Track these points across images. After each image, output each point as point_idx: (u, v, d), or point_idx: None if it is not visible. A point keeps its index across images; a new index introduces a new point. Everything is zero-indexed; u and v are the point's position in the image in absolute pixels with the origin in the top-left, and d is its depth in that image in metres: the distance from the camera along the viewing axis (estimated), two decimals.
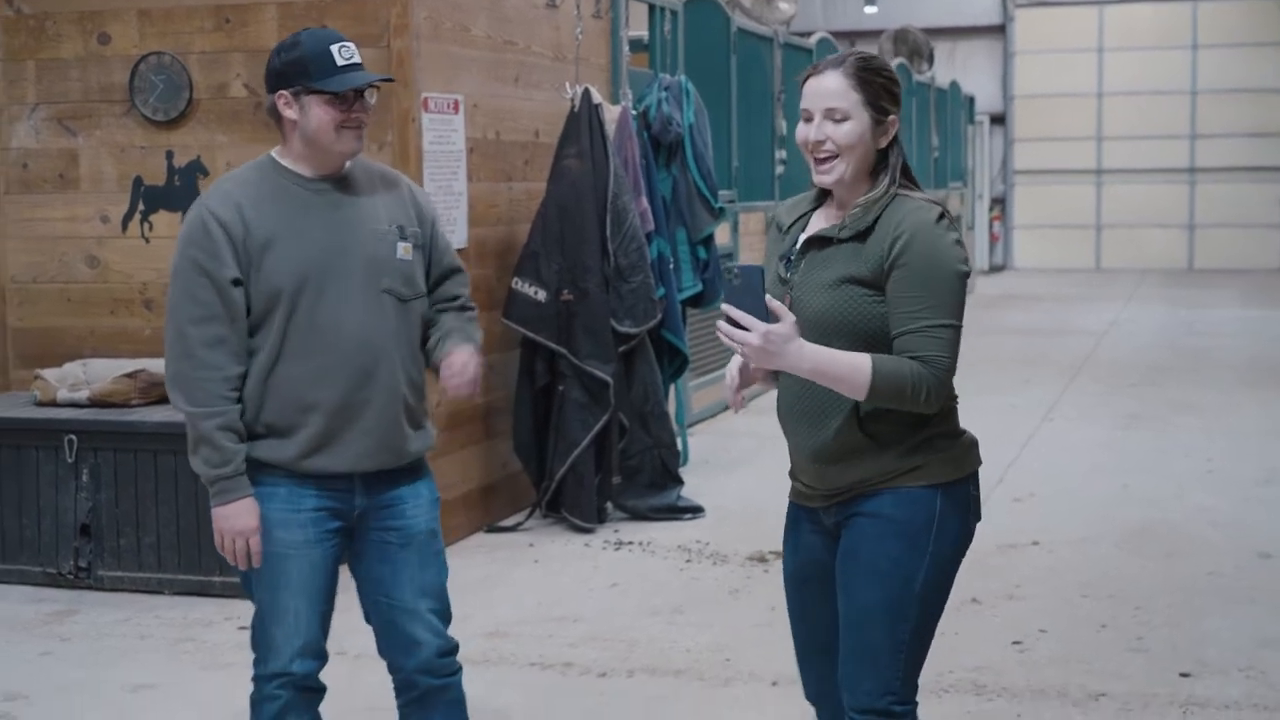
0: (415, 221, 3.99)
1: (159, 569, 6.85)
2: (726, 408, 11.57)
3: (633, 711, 5.35)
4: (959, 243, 3.42)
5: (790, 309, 3.38)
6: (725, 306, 3.27)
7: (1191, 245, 27.16)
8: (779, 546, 7.20)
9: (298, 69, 3.81)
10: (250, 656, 5.92)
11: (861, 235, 3.40)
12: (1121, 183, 27.39)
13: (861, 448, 3.45)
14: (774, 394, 3.61)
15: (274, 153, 3.93)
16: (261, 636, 3.96)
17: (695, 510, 8.20)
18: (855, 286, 3.39)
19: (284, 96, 3.84)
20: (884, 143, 3.45)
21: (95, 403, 7.05)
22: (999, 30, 27.72)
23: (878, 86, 3.43)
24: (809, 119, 3.45)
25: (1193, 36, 26.89)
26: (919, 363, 3.32)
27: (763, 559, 7.30)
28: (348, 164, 3.91)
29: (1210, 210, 26.97)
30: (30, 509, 6.96)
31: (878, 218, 3.40)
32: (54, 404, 7.10)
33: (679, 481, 8.28)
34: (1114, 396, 12.31)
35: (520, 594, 6.83)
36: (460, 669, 4.12)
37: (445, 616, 4.07)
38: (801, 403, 3.50)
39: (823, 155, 3.43)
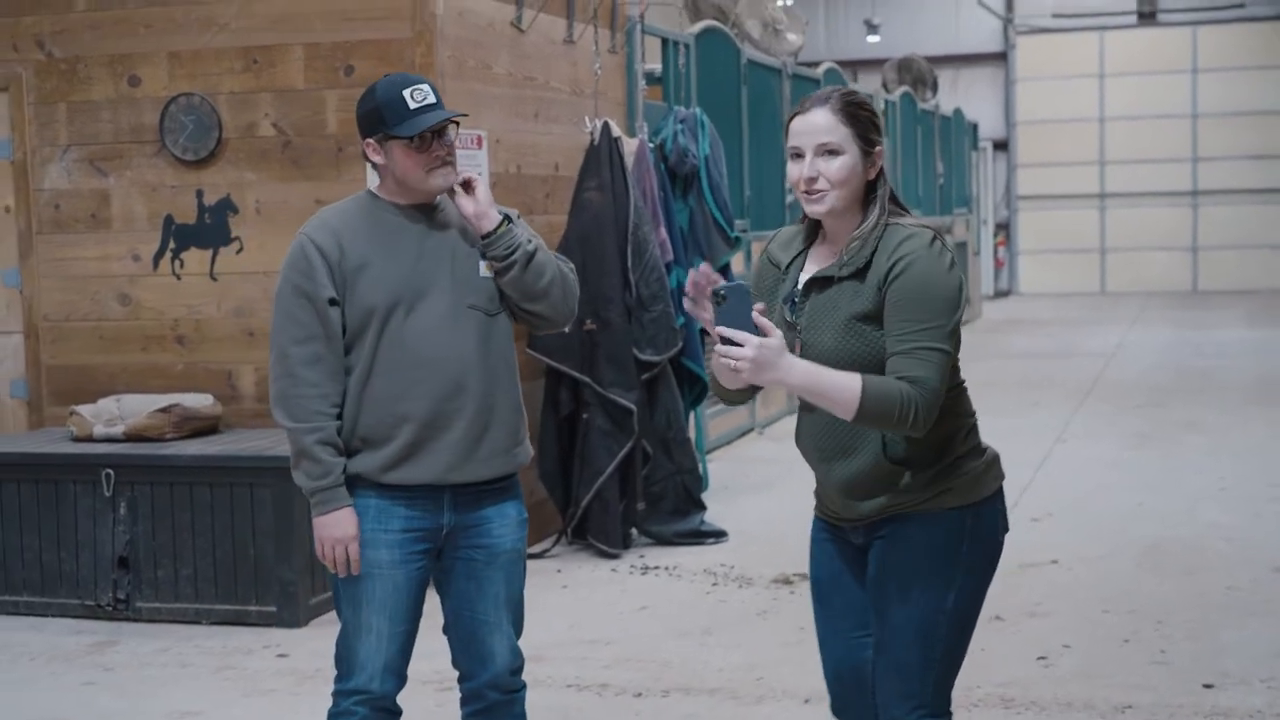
0: None
1: (196, 599, 6.97)
2: (744, 434, 11.71)
3: None
4: (954, 265, 3.49)
5: (801, 353, 3.47)
6: (718, 328, 3.30)
7: (1195, 267, 27.32)
8: (803, 569, 7.35)
9: (375, 118, 4.02)
10: (294, 682, 6.08)
11: (860, 272, 3.47)
12: (1125, 206, 27.56)
13: (890, 477, 3.51)
14: (792, 421, 3.70)
15: (372, 188, 4.14)
16: (344, 653, 4.11)
17: (719, 535, 8.33)
18: (863, 324, 3.45)
19: (370, 144, 4.06)
20: (873, 174, 3.53)
21: (131, 437, 7.19)
22: (1000, 58, 27.94)
23: (864, 120, 3.52)
24: (799, 156, 3.51)
25: (1193, 60, 27.11)
26: (908, 384, 3.35)
27: (788, 581, 7.42)
28: (445, 190, 4.11)
29: (1213, 232, 27.14)
30: (69, 542, 7.09)
31: (874, 250, 3.47)
32: (90, 439, 7.24)
33: (702, 506, 8.41)
34: (1123, 417, 12.45)
35: (551, 618, 6.96)
36: (525, 687, 4.27)
37: (520, 625, 4.23)
38: (825, 439, 3.56)
39: (815, 190, 3.50)
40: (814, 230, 3.62)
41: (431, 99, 4.03)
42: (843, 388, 3.33)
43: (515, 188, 8.05)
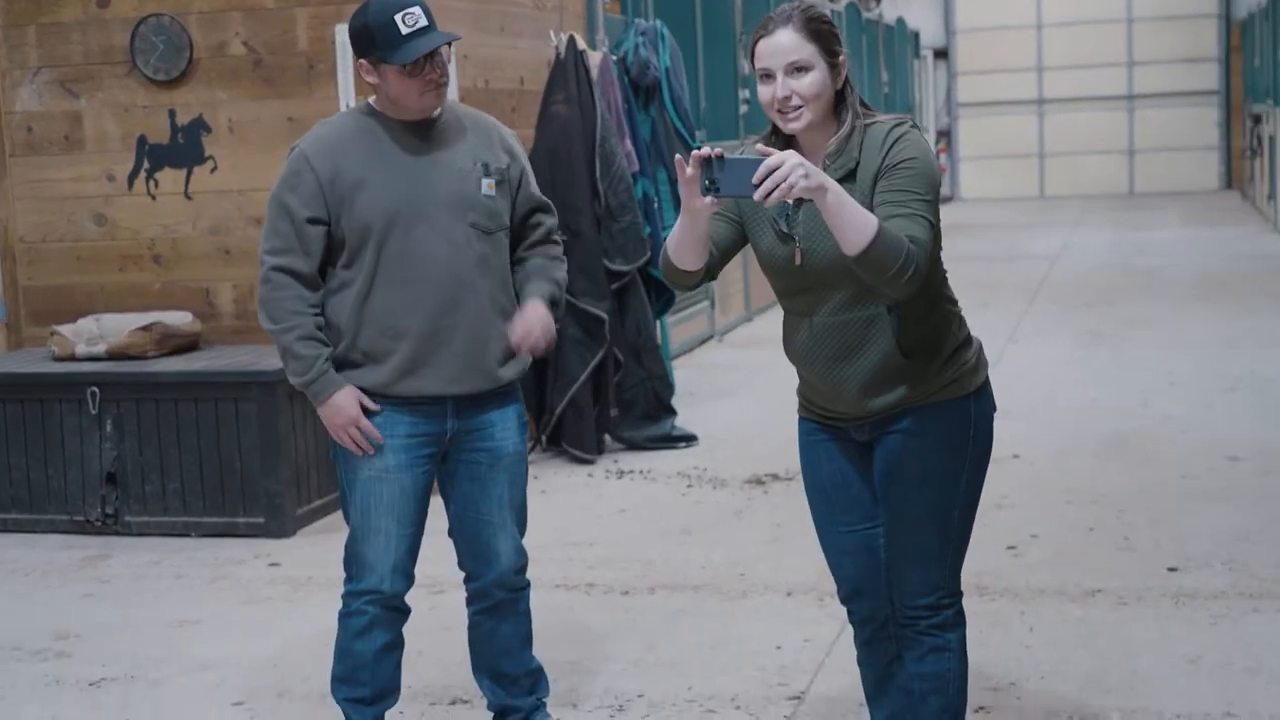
0: (503, 158, 4.24)
1: (185, 513, 7.11)
2: (704, 341, 11.90)
3: (660, 624, 5.65)
4: (933, 150, 3.65)
5: (802, 261, 3.58)
6: (755, 181, 3.25)
7: (1132, 170, 27.65)
8: (774, 469, 7.68)
9: (366, 40, 4.05)
10: (288, 589, 6.24)
11: (852, 172, 3.55)
12: (1063, 111, 27.82)
13: (902, 371, 3.61)
14: (750, 328, 3.81)
15: (371, 100, 4.20)
16: (353, 556, 4.24)
17: (689, 439, 8.53)
18: None
19: (363, 64, 4.10)
20: (839, 83, 3.60)
21: (113, 355, 7.29)
22: None
23: (826, 34, 3.58)
24: (769, 77, 3.56)
25: None
26: (910, 241, 3.41)
27: (760, 481, 7.63)
28: (437, 109, 4.17)
29: (1149, 135, 27.46)
30: (56, 460, 7.21)
31: (860, 150, 3.56)
32: (73, 358, 7.33)
33: (672, 412, 8.61)
34: (1072, 316, 12.73)
35: (533, 523, 6.94)
36: (529, 584, 4.44)
37: (524, 525, 4.38)
38: (827, 344, 3.64)
39: (790, 107, 3.56)
40: (786, 146, 3.66)
41: (423, 22, 4.03)
42: (864, 217, 3.34)
43: (484, 103, 8.14)
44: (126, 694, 5.22)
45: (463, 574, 4.42)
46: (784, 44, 3.55)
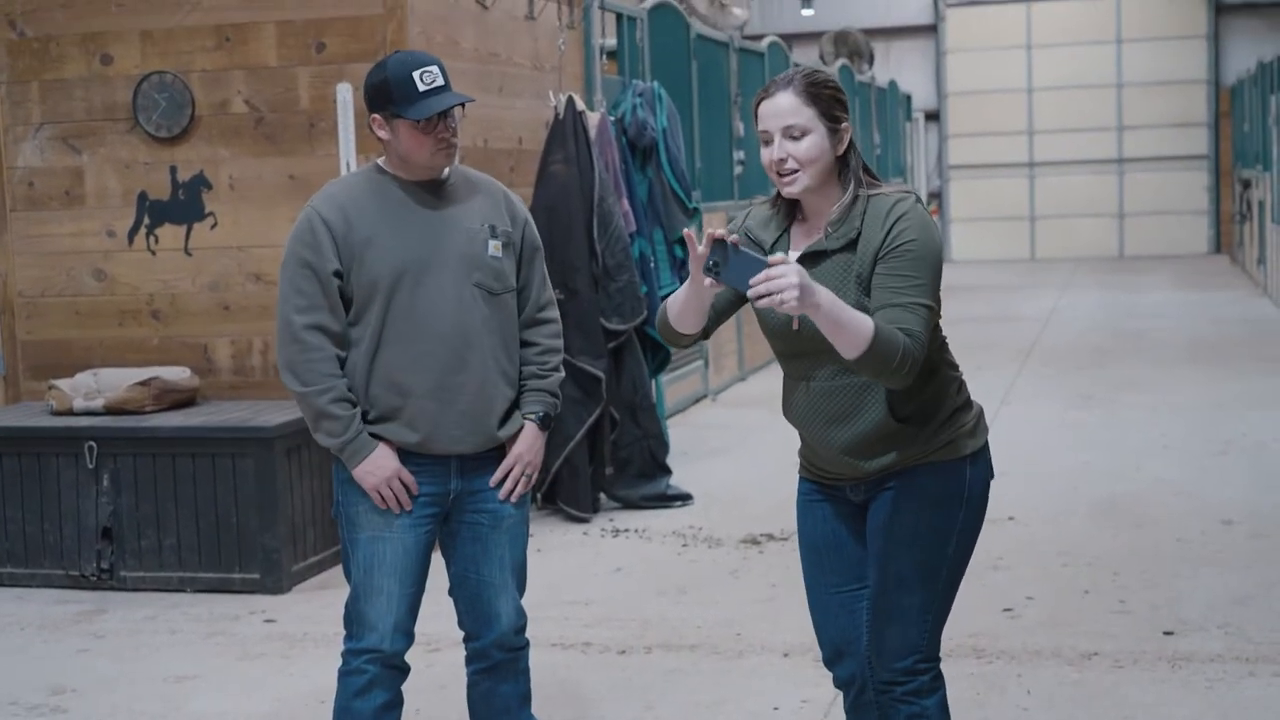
0: (508, 222, 4.28)
1: (181, 568, 7.11)
2: (698, 400, 11.93)
3: (657, 684, 5.65)
4: (936, 226, 3.66)
5: (798, 327, 3.60)
6: (751, 283, 3.30)
7: (1122, 233, 27.79)
8: (769, 529, 7.69)
9: (383, 95, 4.11)
10: (284, 646, 6.24)
11: (853, 243, 3.58)
12: (1053, 174, 27.98)
13: (896, 435, 3.63)
14: (743, 388, 3.85)
15: (379, 160, 4.25)
16: (354, 614, 4.25)
17: (684, 498, 8.55)
18: (851, 293, 3.55)
19: (377, 120, 4.16)
20: (841, 149, 3.62)
21: (111, 410, 7.31)
22: (931, 30, 28.24)
23: (827, 98, 3.60)
24: (769, 141, 3.60)
25: (1117, 31, 27.52)
26: (904, 334, 3.44)
27: (755, 541, 7.65)
28: (445, 170, 4.22)
29: (1138, 199, 27.62)
30: (52, 514, 7.21)
31: (862, 221, 3.57)
32: (70, 413, 7.35)
33: (667, 471, 8.62)
34: (1064, 378, 12.77)
35: (529, 580, 7.11)
36: (528, 644, 4.45)
37: (524, 587, 4.40)
38: (823, 408, 3.67)
39: (786, 170, 3.59)
40: (791, 209, 3.73)
41: (440, 81, 4.10)
42: (860, 323, 3.38)
43: (483, 162, 8.20)
44: None
45: (462, 633, 4.43)
46: (782, 107, 3.59)
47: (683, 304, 3.63)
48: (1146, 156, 27.51)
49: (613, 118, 8.97)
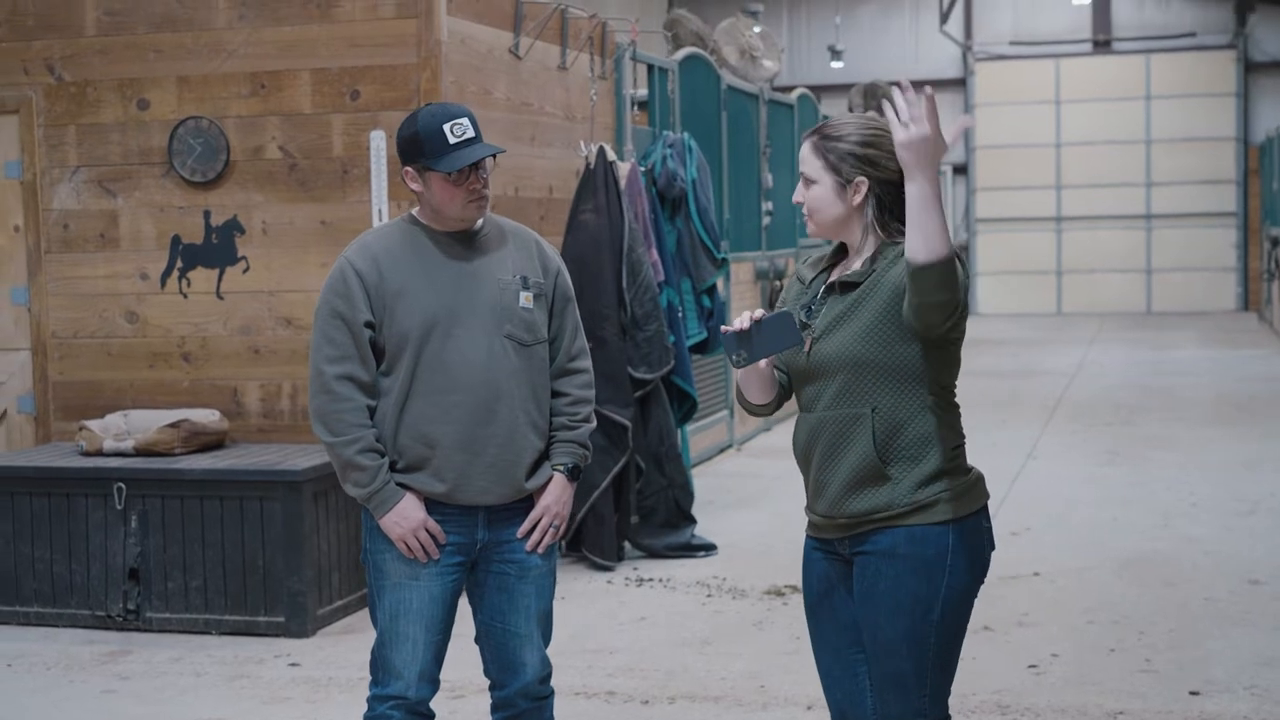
0: (540, 273, 4.31)
1: (206, 610, 7.13)
2: (723, 450, 11.93)
3: None
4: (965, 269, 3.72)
5: (810, 351, 3.67)
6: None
7: (1149, 289, 27.78)
8: (793, 581, 7.68)
9: (415, 148, 4.15)
10: (309, 690, 6.23)
11: (877, 277, 3.65)
12: (1080, 229, 28.01)
13: (878, 475, 3.64)
14: (768, 438, 3.89)
15: (414, 210, 4.29)
16: (380, 660, 4.27)
17: (709, 548, 8.54)
18: (862, 324, 3.63)
19: (409, 172, 4.20)
20: (856, 201, 3.69)
21: (141, 452, 7.35)
22: (960, 83, 28.34)
23: (839, 152, 3.68)
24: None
25: (1146, 88, 27.59)
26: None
27: (779, 593, 7.64)
28: (480, 220, 4.26)
29: (1166, 255, 27.62)
30: (80, 554, 7.24)
31: (887, 268, 3.65)
32: (100, 453, 7.39)
33: (692, 520, 8.63)
34: (1091, 434, 12.75)
35: (554, 628, 7.13)
36: (553, 693, 4.46)
37: (549, 637, 4.42)
38: (820, 441, 3.70)
39: (806, 212, 3.77)
40: (839, 250, 3.84)
41: (470, 133, 4.15)
42: (942, 237, 3.47)
43: (514, 210, 8.25)
44: None
45: (488, 681, 4.44)
46: (802, 154, 3.76)
47: (742, 377, 3.80)
48: (1175, 213, 27.52)
49: (643, 168, 9.02)
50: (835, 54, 26.44)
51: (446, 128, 4.12)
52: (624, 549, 8.46)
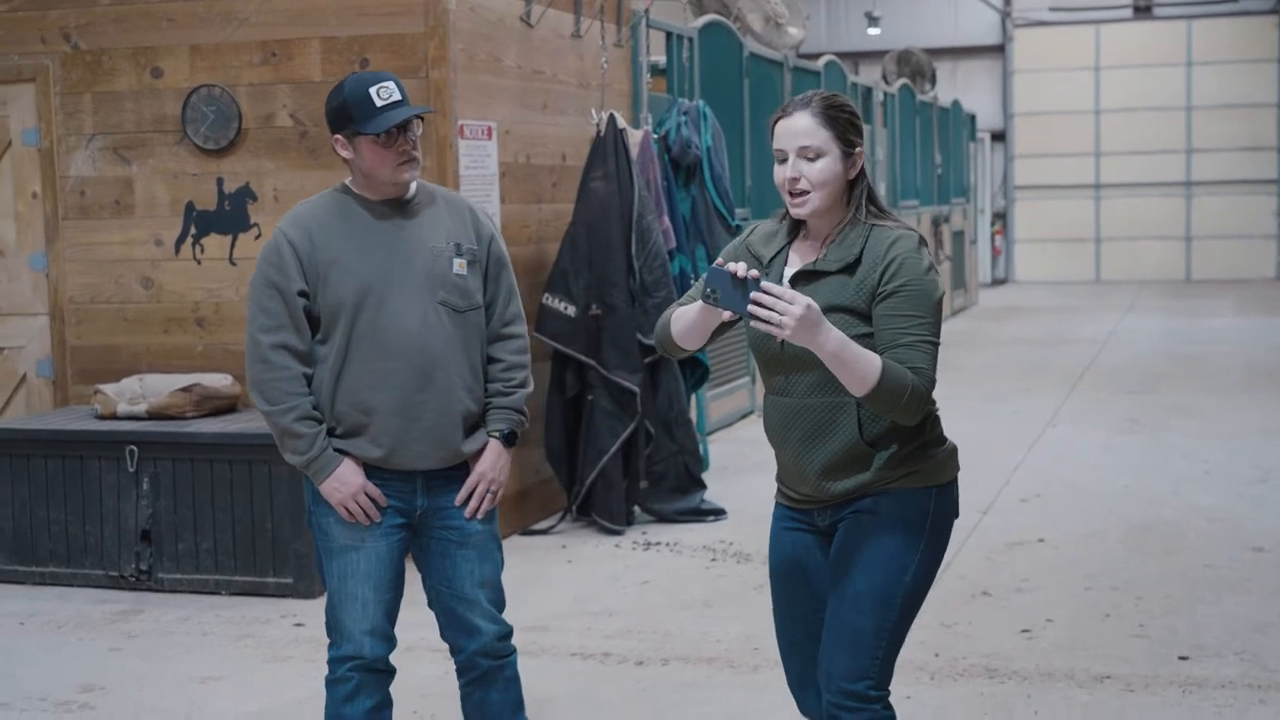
0: (473, 239, 4.34)
1: (216, 571, 7.26)
2: (744, 416, 12.00)
3: (669, 696, 5.73)
4: (933, 266, 3.69)
5: (783, 341, 3.61)
6: (753, 300, 3.39)
7: (1189, 256, 27.64)
8: None
9: (343, 115, 4.17)
10: (310, 649, 6.35)
11: (850, 267, 3.62)
12: (1119, 197, 27.87)
13: (864, 458, 3.65)
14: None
15: (347, 181, 4.31)
16: (333, 622, 4.33)
17: (718, 513, 8.62)
18: (839, 314, 3.58)
19: (339, 140, 4.22)
20: (853, 174, 3.66)
21: (153, 415, 7.47)
22: (999, 50, 28.22)
23: (844, 122, 3.64)
24: (783, 159, 3.66)
25: (1187, 54, 27.40)
26: (912, 373, 3.51)
27: None
28: (411, 188, 4.30)
29: (1206, 222, 27.47)
30: (93, 516, 7.38)
31: (862, 249, 3.62)
32: (114, 417, 7.52)
33: (702, 485, 8.70)
34: (1114, 402, 12.75)
35: (557, 591, 7.24)
36: (515, 651, 4.50)
37: (500, 605, 4.44)
38: (796, 424, 3.68)
39: (798, 190, 3.64)
40: (795, 227, 3.78)
41: (397, 96, 4.17)
42: (867, 361, 3.47)
43: (524, 177, 8.33)
44: None
45: (448, 646, 4.48)
46: (799, 127, 3.64)
47: (690, 324, 3.69)
48: (1215, 180, 27.34)
49: (657, 135, 9.06)
50: (872, 20, 26.35)
51: (372, 91, 4.14)
52: (634, 513, 8.55)
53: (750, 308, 3.38)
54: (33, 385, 8.33)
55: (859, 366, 3.45)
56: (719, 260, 3.59)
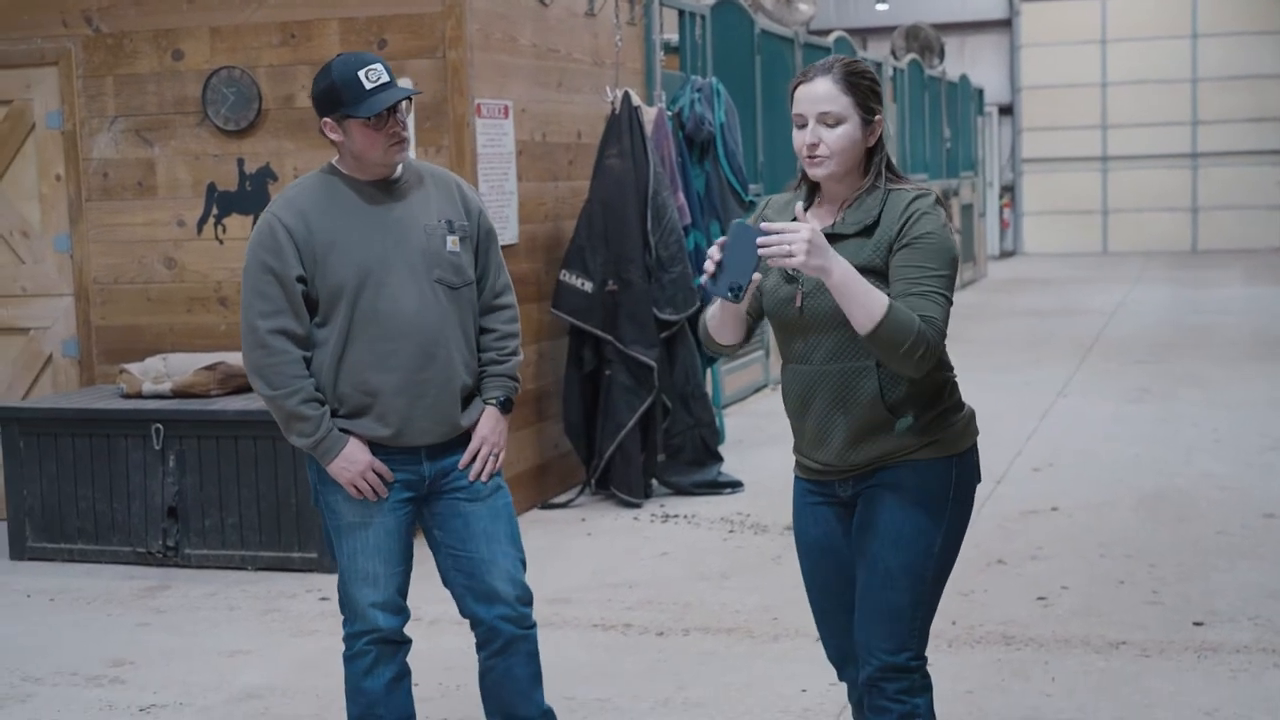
0: (463, 216, 4.38)
1: (242, 546, 7.36)
2: (758, 389, 12.10)
3: (690, 665, 5.82)
4: (950, 225, 3.71)
5: (801, 305, 3.62)
6: (760, 244, 3.37)
7: (1195, 228, 27.68)
8: None
9: (332, 98, 4.18)
10: (335, 623, 6.45)
11: (869, 229, 3.61)
12: (1126, 169, 27.91)
13: (885, 425, 3.64)
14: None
15: (334, 161, 4.33)
16: (346, 599, 4.39)
17: (735, 485, 8.72)
18: (865, 276, 3.53)
19: (328, 123, 4.23)
20: (872, 141, 3.65)
21: (178, 394, 7.56)
22: (1005, 24, 28.24)
23: (864, 89, 3.62)
24: (803, 125, 3.63)
25: (1193, 26, 27.41)
26: (922, 320, 3.48)
27: None
28: (399, 167, 4.32)
29: (1213, 193, 27.51)
30: (120, 493, 7.48)
31: (881, 211, 3.61)
32: (139, 396, 7.62)
33: (719, 458, 8.80)
34: (1124, 372, 12.83)
35: (577, 563, 7.34)
36: (535, 625, 4.50)
37: (519, 564, 4.43)
38: (818, 392, 3.67)
39: (816, 155, 3.62)
40: (810, 194, 3.79)
41: (385, 78, 4.17)
42: (873, 297, 3.44)
43: (541, 155, 8.41)
44: None
45: (468, 622, 4.49)
46: (820, 93, 3.63)
47: (720, 320, 3.74)
48: (1221, 151, 27.36)
49: (670, 112, 9.14)
50: None
51: (361, 74, 4.14)
52: (651, 486, 8.64)
53: (760, 251, 3.37)
54: (58, 365, 8.43)
55: (866, 299, 3.44)
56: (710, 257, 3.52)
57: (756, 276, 3.45)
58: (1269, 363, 13.09)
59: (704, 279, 3.47)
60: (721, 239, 3.47)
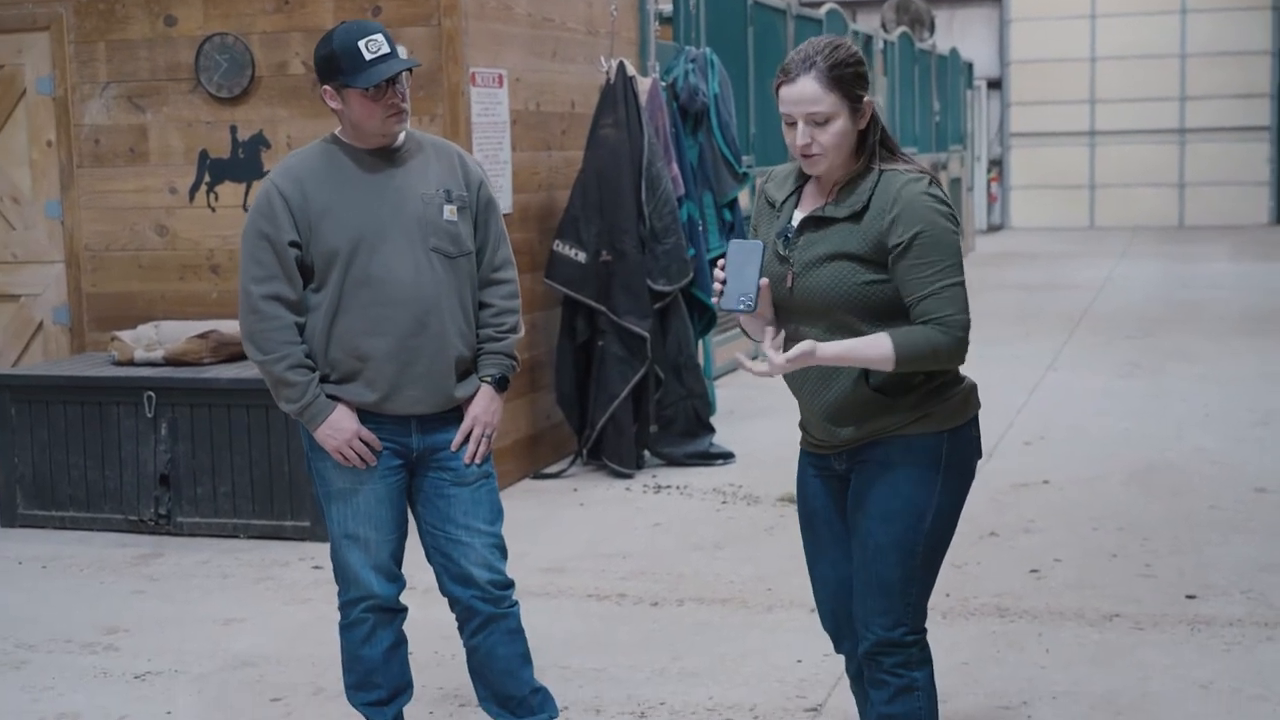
0: (462, 186, 4.37)
1: (234, 515, 7.35)
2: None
3: (685, 635, 5.83)
4: (946, 202, 3.61)
5: (792, 285, 3.64)
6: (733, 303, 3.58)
7: (1182, 203, 27.72)
8: None
9: (332, 67, 4.17)
10: (329, 591, 6.45)
11: (858, 214, 3.60)
12: (1114, 144, 27.94)
13: (870, 403, 3.65)
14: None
15: (337, 131, 4.32)
16: (339, 567, 4.39)
17: (727, 456, 8.73)
18: (847, 262, 3.59)
19: (328, 91, 4.23)
20: (863, 124, 3.63)
21: (170, 361, 7.54)
22: None
23: (849, 80, 3.58)
24: (792, 124, 3.61)
25: (1181, 1, 27.42)
26: (935, 326, 3.52)
27: (792, 500, 7.74)
28: (400, 136, 4.31)
29: (1199, 169, 27.56)
30: (113, 461, 7.47)
31: (870, 196, 3.59)
32: (131, 363, 7.59)
33: (711, 429, 8.80)
34: (1113, 347, 12.85)
35: (570, 534, 7.34)
36: (517, 604, 4.50)
37: (498, 552, 4.42)
38: (809, 371, 3.68)
39: (811, 154, 3.60)
40: (803, 177, 3.79)
41: (386, 49, 4.16)
42: (875, 347, 3.53)
43: (535, 125, 8.38)
44: (170, 687, 5.44)
45: (448, 600, 4.48)
46: (805, 94, 3.58)
47: (751, 329, 3.78)
48: (1208, 127, 27.40)
49: (664, 83, 9.12)
50: None
51: (362, 44, 4.13)
52: (644, 457, 8.64)
53: (741, 368, 3.64)
54: (49, 332, 8.40)
55: (868, 352, 3.52)
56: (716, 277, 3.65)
57: (764, 282, 3.60)
58: (1258, 338, 13.12)
59: (714, 299, 3.62)
60: (722, 260, 3.62)
